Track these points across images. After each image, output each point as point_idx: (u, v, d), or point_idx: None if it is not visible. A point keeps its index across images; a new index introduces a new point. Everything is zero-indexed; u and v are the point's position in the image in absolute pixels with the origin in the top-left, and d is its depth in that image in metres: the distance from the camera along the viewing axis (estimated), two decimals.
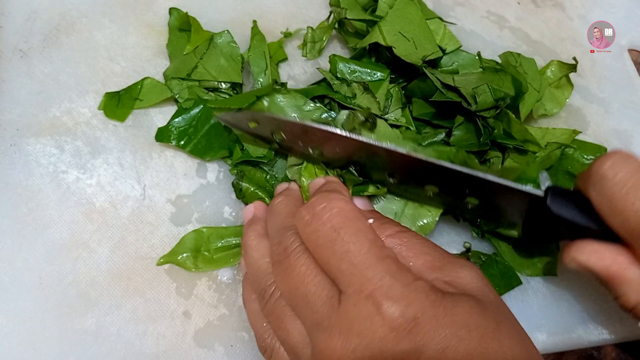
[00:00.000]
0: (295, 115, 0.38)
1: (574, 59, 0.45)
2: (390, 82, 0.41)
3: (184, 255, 0.36)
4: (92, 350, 0.33)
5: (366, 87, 0.39)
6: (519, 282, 0.39)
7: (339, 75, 0.40)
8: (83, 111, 0.39)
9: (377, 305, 0.24)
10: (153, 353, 0.34)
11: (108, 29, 0.43)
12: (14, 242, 0.35)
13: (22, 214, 0.35)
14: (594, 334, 0.39)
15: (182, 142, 0.38)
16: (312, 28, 0.45)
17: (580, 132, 0.45)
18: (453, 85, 0.39)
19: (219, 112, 0.38)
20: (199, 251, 0.36)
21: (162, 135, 0.39)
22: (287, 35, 0.45)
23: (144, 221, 0.37)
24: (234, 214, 0.38)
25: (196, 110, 0.39)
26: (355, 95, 0.40)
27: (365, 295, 0.25)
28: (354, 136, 0.33)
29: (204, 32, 0.42)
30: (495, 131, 0.39)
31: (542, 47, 0.52)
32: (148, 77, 0.40)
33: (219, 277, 0.36)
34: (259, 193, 0.37)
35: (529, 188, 0.32)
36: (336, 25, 0.45)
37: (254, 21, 0.44)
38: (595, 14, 0.55)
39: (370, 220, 0.31)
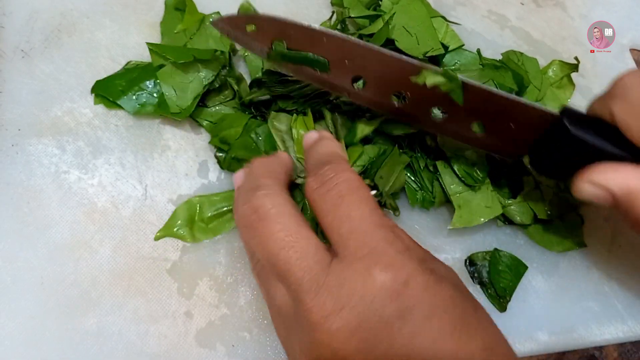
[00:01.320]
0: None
1: (576, 58, 0.45)
2: None
3: (179, 227, 0.36)
4: (94, 350, 0.33)
5: None
6: (525, 267, 0.40)
7: None
8: (84, 111, 0.39)
9: (369, 267, 0.25)
10: (154, 353, 0.34)
11: (109, 29, 0.43)
12: (16, 242, 0.35)
13: (24, 214, 0.35)
14: (596, 334, 0.39)
15: (113, 97, 0.39)
16: None
17: None
18: None
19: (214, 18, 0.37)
20: (193, 221, 0.36)
21: (103, 88, 0.39)
22: None
23: (145, 221, 0.37)
24: None
25: (136, 73, 0.40)
26: None
27: (358, 257, 0.26)
28: (357, 40, 0.32)
29: (197, 14, 0.42)
30: None
31: (544, 47, 0.51)
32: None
33: (220, 277, 0.36)
34: (244, 158, 0.38)
35: (543, 106, 0.30)
36: (338, 26, 0.45)
37: None
38: (597, 14, 0.55)
39: (373, 192, 0.32)
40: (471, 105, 0.32)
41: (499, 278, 0.39)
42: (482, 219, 0.38)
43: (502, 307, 0.38)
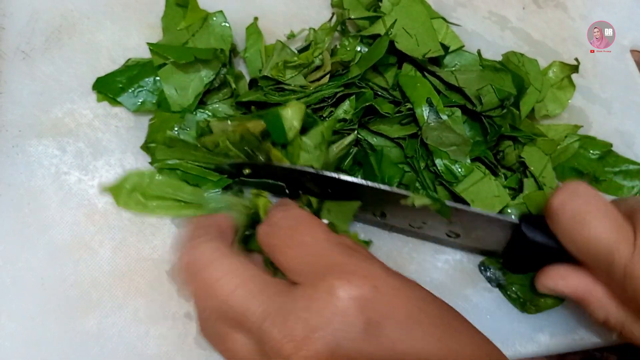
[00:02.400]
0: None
1: (576, 59, 0.45)
2: None
3: (124, 189, 0.36)
4: (94, 351, 0.33)
5: (375, 68, 0.40)
6: None
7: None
8: (85, 112, 0.39)
9: (333, 282, 0.24)
10: (155, 354, 0.34)
11: (110, 30, 0.43)
12: (16, 243, 0.35)
13: (24, 214, 0.35)
14: (597, 335, 0.39)
15: (113, 94, 0.39)
16: (314, 29, 0.45)
17: (582, 126, 0.45)
18: (457, 85, 0.39)
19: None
20: (134, 191, 0.36)
21: (103, 84, 0.39)
22: (291, 37, 0.45)
23: (145, 222, 0.37)
24: None
25: (136, 70, 0.40)
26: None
27: (320, 276, 0.24)
28: (327, 173, 0.34)
29: (200, 11, 0.42)
30: (503, 128, 0.39)
31: (544, 48, 0.51)
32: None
33: None
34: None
35: (503, 217, 0.35)
36: (339, 28, 0.45)
37: (255, 18, 0.44)
38: (597, 14, 0.55)
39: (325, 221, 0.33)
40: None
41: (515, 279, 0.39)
42: (496, 209, 0.37)
43: (530, 309, 0.38)
